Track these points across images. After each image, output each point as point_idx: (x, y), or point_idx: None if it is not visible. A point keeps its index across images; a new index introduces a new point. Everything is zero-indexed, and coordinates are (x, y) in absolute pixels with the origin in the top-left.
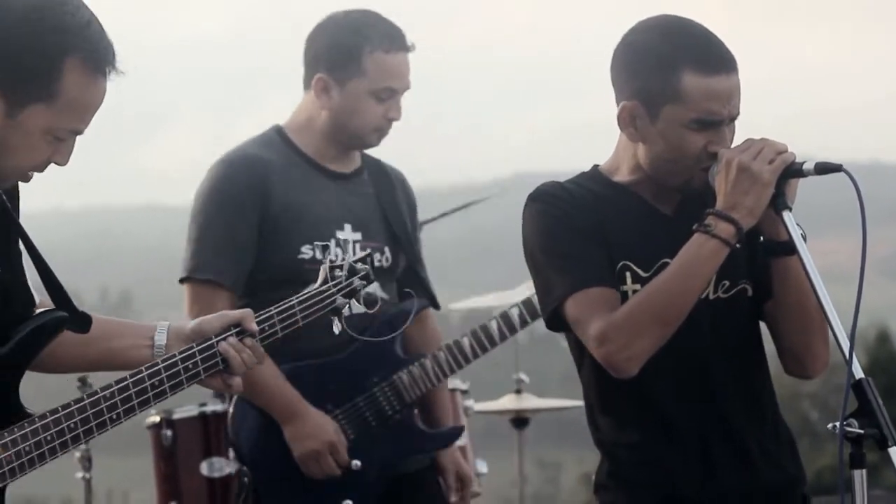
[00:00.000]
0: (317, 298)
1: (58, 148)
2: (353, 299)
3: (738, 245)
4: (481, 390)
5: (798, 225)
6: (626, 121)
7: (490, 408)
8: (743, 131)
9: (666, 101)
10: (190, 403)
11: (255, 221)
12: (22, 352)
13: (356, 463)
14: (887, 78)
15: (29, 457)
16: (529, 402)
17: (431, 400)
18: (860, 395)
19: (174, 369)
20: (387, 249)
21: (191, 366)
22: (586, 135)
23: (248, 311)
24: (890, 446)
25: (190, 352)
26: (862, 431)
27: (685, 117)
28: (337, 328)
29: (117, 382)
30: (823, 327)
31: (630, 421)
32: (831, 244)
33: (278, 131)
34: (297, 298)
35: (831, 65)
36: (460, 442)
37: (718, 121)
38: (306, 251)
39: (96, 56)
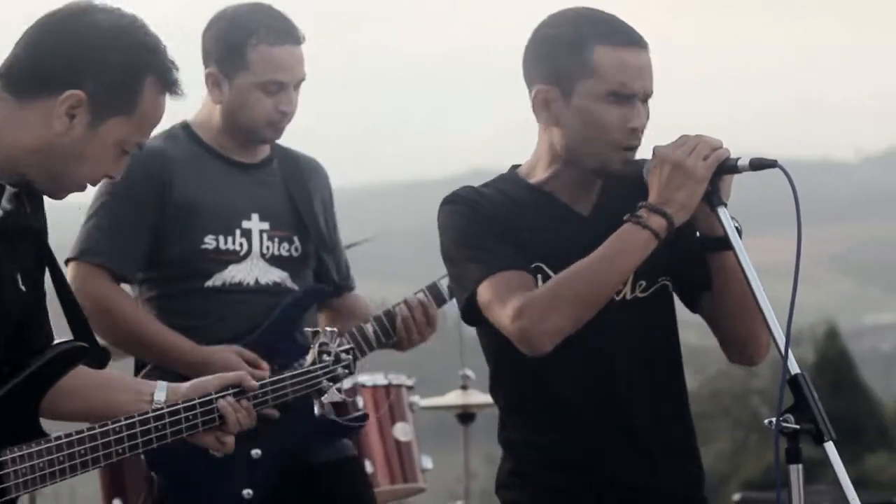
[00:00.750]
0: (307, 377)
1: (119, 161)
2: (334, 387)
3: (666, 238)
4: (427, 386)
5: (734, 218)
6: (541, 105)
7: (436, 403)
8: (691, 128)
9: (579, 76)
10: None
11: (150, 212)
12: (42, 378)
13: (256, 452)
14: (839, 75)
15: (41, 473)
16: (475, 397)
17: None
18: (796, 391)
19: (176, 417)
20: (296, 239)
21: (191, 417)
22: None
23: (244, 373)
24: (826, 441)
25: (191, 403)
26: (798, 427)
27: (600, 90)
28: (318, 410)
29: (126, 418)
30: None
31: (536, 421)
32: (779, 241)
33: (184, 126)
34: (289, 374)
35: (784, 61)
36: (405, 437)
37: (632, 94)
38: (209, 241)
39: (169, 77)
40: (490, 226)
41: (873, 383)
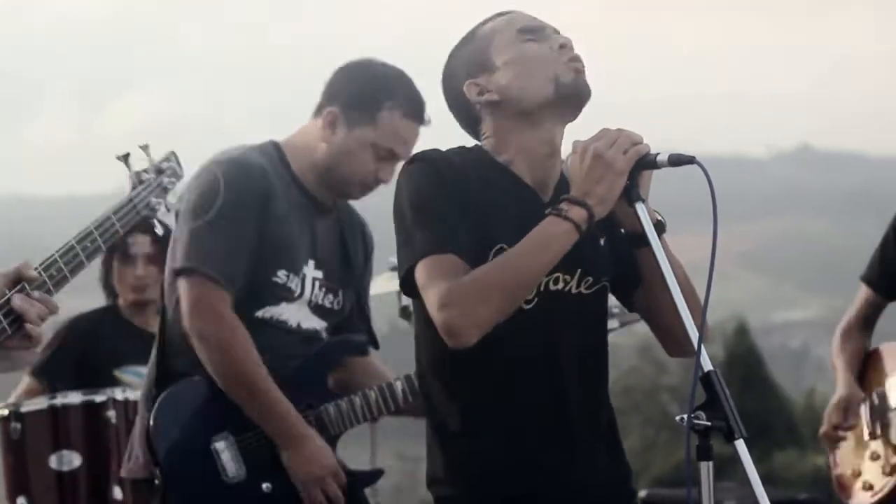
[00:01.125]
0: (131, 205)
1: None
2: (166, 198)
3: (587, 230)
4: None
5: (657, 212)
6: (471, 87)
7: None
8: (612, 118)
9: (489, 42)
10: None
11: (255, 233)
12: None
13: (266, 486)
14: (754, 70)
15: None
16: None
17: None
18: (708, 388)
19: None
20: (340, 293)
21: None
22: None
23: (23, 262)
24: (737, 438)
25: None
26: (709, 424)
27: (511, 34)
28: (159, 230)
29: None
30: (695, 300)
31: (475, 410)
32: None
33: (277, 148)
34: (112, 210)
35: (698, 55)
36: None
37: (541, 26)
38: (281, 276)
39: None
40: (451, 194)
41: (782, 380)
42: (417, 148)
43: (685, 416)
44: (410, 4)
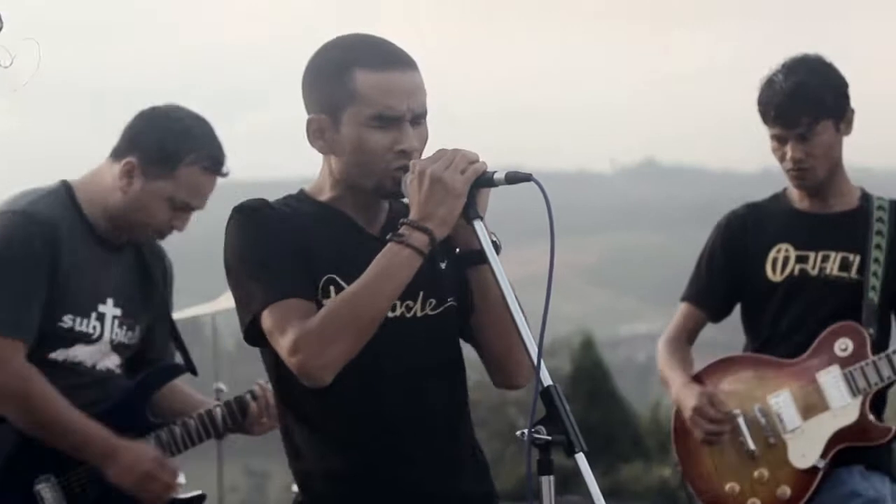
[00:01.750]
0: None
1: None
2: None
3: (430, 253)
4: None
5: (492, 233)
6: (315, 135)
7: None
8: (458, 132)
9: (345, 104)
10: None
11: (45, 280)
12: None
13: None
14: (599, 85)
15: None
16: None
17: None
18: (548, 403)
19: None
20: (137, 328)
21: None
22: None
23: None
24: (577, 452)
25: None
26: (549, 438)
27: (363, 115)
28: None
29: None
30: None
31: (328, 443)
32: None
33: (68, 191)
34: None
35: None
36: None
37: (398, 116)
38: (67, 320)
39: None
40: (278, 241)
41: (628, 393)
42: None
43: (525, 431)
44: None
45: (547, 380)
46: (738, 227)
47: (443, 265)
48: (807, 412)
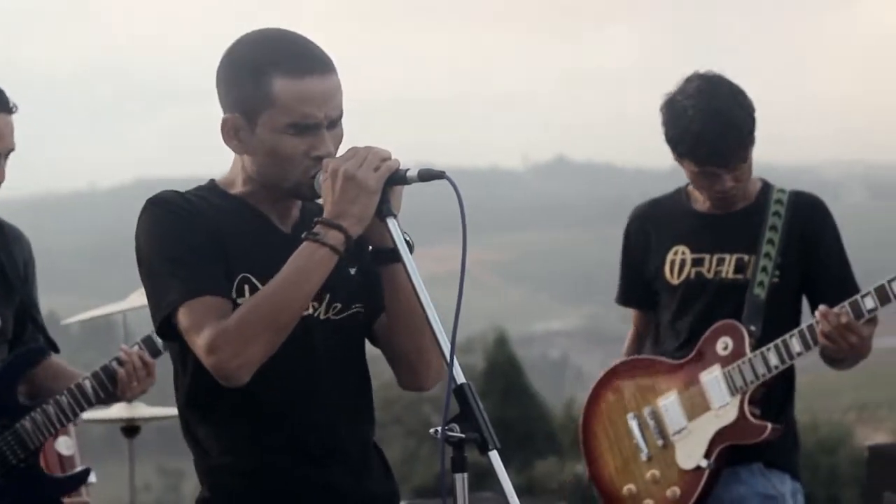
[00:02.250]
0: None
1: None
2: None
3: (346, 251)
4: None
5: (405, 232)
6: (230, 134)
7: (99, 416)
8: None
9: (262, 108)
10: None
11: None
12: None
13: None
14: (504, 82)
15: None
16: (140, 410)
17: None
18: (461, 400)
19: None
20: (6, 313)
21: None
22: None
23: None
24: (490, 450)
25: None
26: (463, 436)
27: (280, 122)
28: None
29: None
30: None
31: (230, 434)
32: (452, 249)
33: None
34: None
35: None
36: (67, 451)
37: (315, 124)
38: None
39: None
40: (193, 235)
41: (542, 390)
42: None
43: (439, 429)
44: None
45: (460, 378)
46: (639, 227)
47: (352, 271)
48: (692, 413)
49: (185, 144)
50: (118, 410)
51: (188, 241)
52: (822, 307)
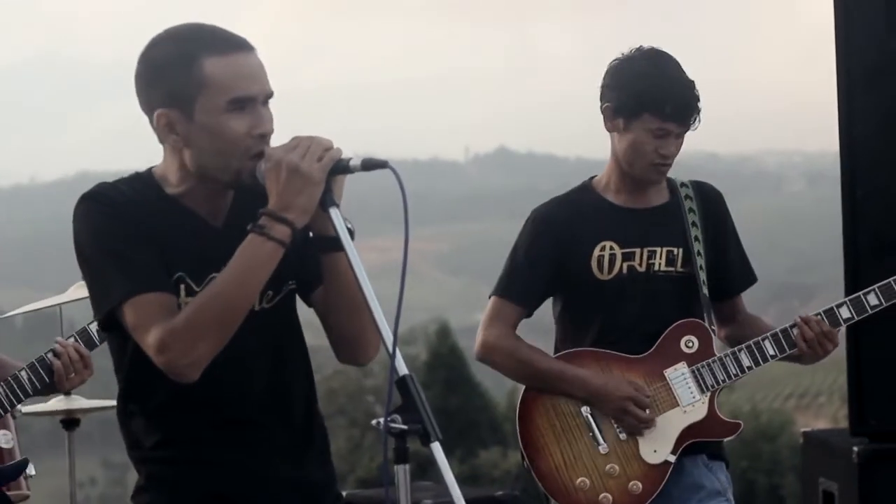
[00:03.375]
0: None
1: None
2: None
3: (291, 244)
4: None
5: (346, 220)
6: (165, 130)
7: (38, 410)
8: (317, 115)
9: (196, 93)
10: None
11: None
12: None
13: None
14: (446, 73)
15: None
16: (79, 402)
17: None
18: (404, 392)
19: None
20: None
21: None
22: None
23: None
24: (432, 441)
25: None
26: (406, 427)
27: (219, 102)
28: None
29: None
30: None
31: (166, 424)
32: (392, 241)
33: None
34: None
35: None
36: (7, 445)
37: (253, 97)
38: None
39: None
40: (131, 230)
41: (485, 380)
42: None
43: (381, 420)
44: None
45: (403, 369)
46: (557, 223)
47: (288, 243)
48: (657, 408)
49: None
50: (57, 403)
51: (126, 235)
52: (802, 315)
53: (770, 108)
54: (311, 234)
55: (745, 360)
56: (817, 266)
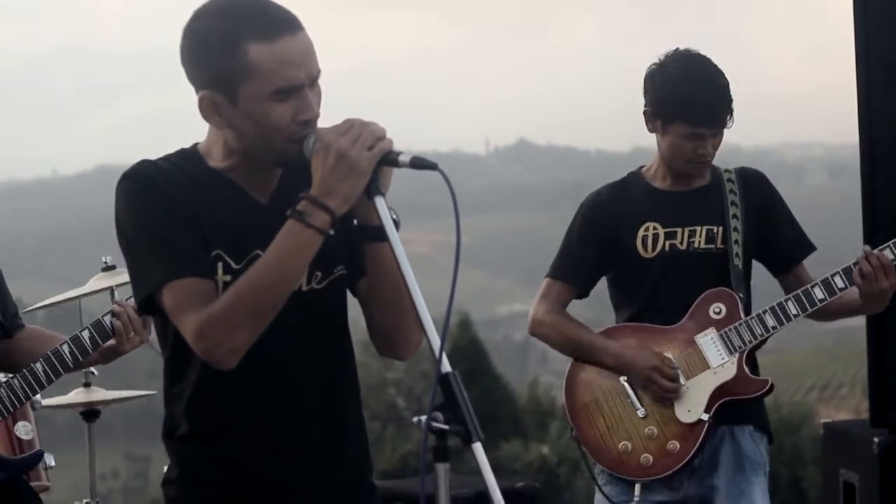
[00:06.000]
0: None
1: None
2: None
3: (332, 232)
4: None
5: (392, 209)
6: (209, 111)
7: (58, 402)
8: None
9: (240, 81)
10: None
11: None
12: None
13: None
14: (467, 65)
15: None
16: (99, 394)
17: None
18: (446, 390)
19: None
20: None
21: None
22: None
23: None
24: (474, 442)
25: None
26: (447, 427)
27: (264, 91)
28: None
29: None
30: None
31: (203, 417)
32: (417, 233)
33: None
34: None
35: (420, 53)
36: (26, 436)
37: (298, 86)
38: None
39: None
40: (171, 210)
41: (506, 372)
42: None
43: (422, 418)
44: None
45: (446, 367)
46: (606, 207)
47: (331, 231)
48: (689, 372)
49: (149, 131)
50: (77, 395)
51: (165, 216)
52: (866, 247)
53: (791, 101)
54: (354, 221)
55: (770, 321)
56: (838, 258)
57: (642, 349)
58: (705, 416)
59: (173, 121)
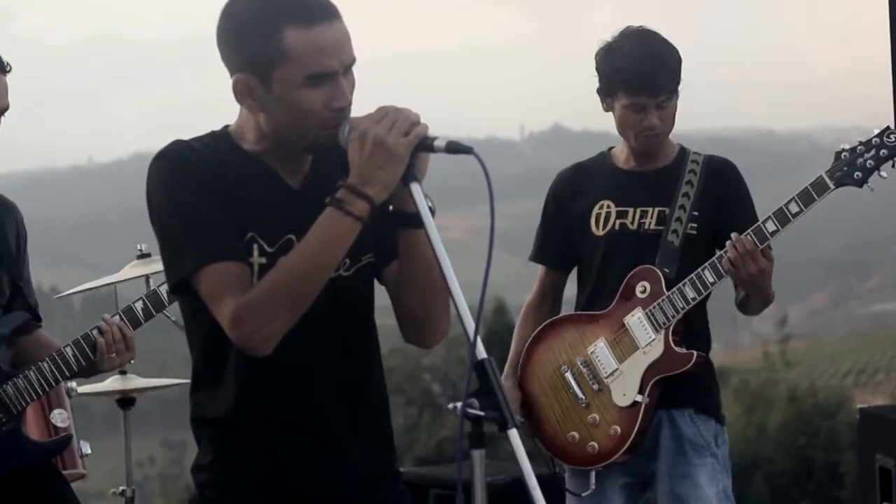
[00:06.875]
0: None
1: None
2: None
3: (369, 221)
4: None
5: (427, 196)
6: (243, 94)
7: (94, 390)
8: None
9: (274, 64)
10: None
11: None
12: None
13: None
14: (501, 51)
15: None
16: (135, 382)
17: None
18: (482, 376)
19: None
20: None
21: None
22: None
23: None
24: (509, 428)
25: None
26: (482, 413)
27: (298, 76)
28: None
29: None
30: (445, 298)
31: (236, 404)
32: (450, 220)
33: None
34: None
35: (448, 31)
36: (62, 423)
37: (332, 72)
38: None
39: None
40: (205, 190)
41: None
42: None
43: (458, 405)
44: None
45: (482, 353)
46: (566, 186)
47: (369, 220)
48: (621, 355)
49: (185, 118)
50: (112, 383)
51: (200, 198)
52: (734, 234)
53: (826, 84)
54: (390, 207)
55: (690, 293)
56: (873, 242)
57: (513, 388)
58: (639, 398)
59: (210, 108)
